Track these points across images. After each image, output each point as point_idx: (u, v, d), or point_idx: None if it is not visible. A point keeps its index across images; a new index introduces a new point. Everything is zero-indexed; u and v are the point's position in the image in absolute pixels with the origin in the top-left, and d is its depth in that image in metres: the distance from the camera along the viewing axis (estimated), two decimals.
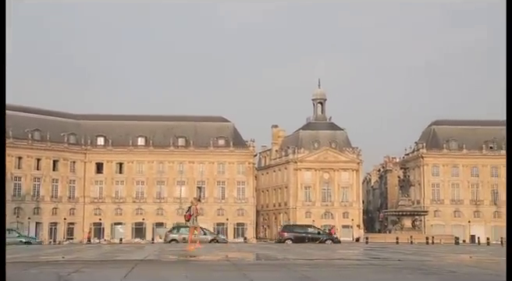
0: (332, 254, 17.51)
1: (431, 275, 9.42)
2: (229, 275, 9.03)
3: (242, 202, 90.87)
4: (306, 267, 10.95)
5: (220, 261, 13.17)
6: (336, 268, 11.01)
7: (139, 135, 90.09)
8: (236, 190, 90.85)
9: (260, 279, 8.26)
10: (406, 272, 9.85)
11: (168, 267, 11.22)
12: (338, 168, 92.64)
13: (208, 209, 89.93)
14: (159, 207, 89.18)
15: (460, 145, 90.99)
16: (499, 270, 10.74)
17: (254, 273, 9.30)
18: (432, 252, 20.98)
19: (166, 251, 19.40)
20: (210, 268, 10.64)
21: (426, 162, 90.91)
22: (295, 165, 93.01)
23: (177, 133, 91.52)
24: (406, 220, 63.31)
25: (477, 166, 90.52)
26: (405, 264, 12.10)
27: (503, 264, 13.36)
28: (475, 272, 10.09)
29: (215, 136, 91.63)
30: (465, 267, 11.95)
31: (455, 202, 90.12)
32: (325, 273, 9.52)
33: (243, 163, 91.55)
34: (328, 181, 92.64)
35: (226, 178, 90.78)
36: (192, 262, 13.02)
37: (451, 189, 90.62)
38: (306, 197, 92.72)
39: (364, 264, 12.38)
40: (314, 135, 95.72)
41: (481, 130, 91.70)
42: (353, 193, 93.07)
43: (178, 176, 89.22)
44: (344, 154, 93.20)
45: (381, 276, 9.00)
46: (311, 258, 14.68)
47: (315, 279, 8.40)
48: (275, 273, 9.44)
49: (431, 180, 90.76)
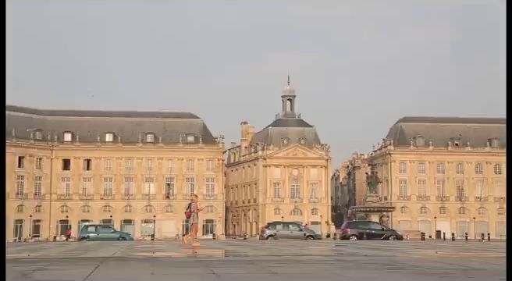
0: (300, 251, 17.60)
1: (395, 270, 9.54)
2: (196, 272, 9.01)
3: (211, 199, 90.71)
4: (274, 263, 10.98)
5: (188, 258, 13.13)
6: (304, 264, 11.08)
7: (107, 131, 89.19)
8: (205, 187, 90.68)
9: (227, 276, 8.26)
10: (371, 268, 9.96)
11: (135, 264, 11.15)
12: (307, 164, 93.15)
13: (177, 206, 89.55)
14: (127, 204, 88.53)
15: (426, 142, 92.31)
16: (463, 264, 10.93)
17: (221, 269, 9.30)
18: (399, 248, 21.25)
19: (134, 248, 19.27)
20: (177, 265, 10.60)
21: (393, 159, 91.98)
22: (264, 162, 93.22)
23: (146, 129, 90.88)
24: (373, 216, 63.88)
25: (443, 163, 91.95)
26: (371, 260, 12.24)
27: (467, 258, 13.61)
28: (439, 267, 10.26)
29: (184, 133, 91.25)
30: (429, 262, 12.13)
31: (421, 198, 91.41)
32: (293, 269, 9.57)
33: (212, 160, 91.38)
34: (297, 177, 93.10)
35: (195, 174, 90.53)
36: (159, 259, 12.95)
37: (418, 185, 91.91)
38: (275, 193, 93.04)
39: (331, 260, 12.48)
40: (284, 132, 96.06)
41: (447, 127, 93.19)
42: (322, 190, 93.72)
43: (146, 173, 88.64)
44: (313, 150, 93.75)
45: (346, 272, 9.08)
46: (280, 254, 14.74)
47: (282, 275, 8.44)
48: (243, 269, 9.45)
49: (398, 177, 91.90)
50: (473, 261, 12.31)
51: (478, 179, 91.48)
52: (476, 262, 12.04)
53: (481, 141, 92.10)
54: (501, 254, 16.50)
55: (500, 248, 22.70)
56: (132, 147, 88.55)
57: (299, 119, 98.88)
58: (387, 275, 8.71)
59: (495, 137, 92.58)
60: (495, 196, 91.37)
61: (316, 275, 8.59)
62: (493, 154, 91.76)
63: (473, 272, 9.30)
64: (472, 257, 14.13)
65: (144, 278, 8.34)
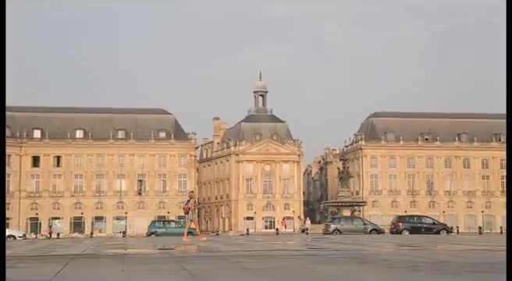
0: (272, 245, 17.67)
1: (365, 263, 9.65)
2: (166, 268, 8.99)
3: (183, 195, 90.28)
4: (246, 259, 11.01)
5: (159, 255, 13.09)
6: (276, 259, 11.13)
7: (77, 128, 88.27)
8: (177, 183, 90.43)
9: (197, 271, 8.26)
10: (342, 262, 10.05)
11: (105, 261, 11.07)
12: (279, 160, 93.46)
13: (149, 202, 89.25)
14: (99, 200, 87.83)
15: (397, 137, 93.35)
16: (431, 257, 11.10)
17: (192, 265, 9.29)
18: (370, 242, 21.47)
19: (104, 246, 19.13)
20: (148, 262, 10.56)
21: (365, 154, 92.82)
22: (237, 158, 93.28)
23: (117, 125, 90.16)
24: (345, 211, 64.57)
25: (413, 157, 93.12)
26: (342, 254, 12.35)
27: (435, 251, 13.82)
28: (408, 260, 10.40)
29: (156, 129, 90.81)
30: (399, 255, 12.29)
31: (392, 192, 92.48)
32: (264, 264, 9.60)
33: (184, 156, 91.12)
34: (270, 173, 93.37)
35: (167, 171, 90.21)
36: (130, 256, 12.88)
37: (389, 180, 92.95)
38: (248, 189, 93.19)
39: (302, 254, 12.56)
40: (256, 127, 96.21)
41: (418, 122, 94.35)
42: (294, 185, 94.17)
43: (118, 169, 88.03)
44: (285, 146, 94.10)
45: (317, 266, 9.15)
46: (253, 250, 14.78)
47: (254, 271, 8.47)
48: (214, 265, 9.45)
49: (369, 171, 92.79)
50: (441, 254, 12.51)
51: (447, 173, 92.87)
52: (444, 255, 12.24)
53: (450, 136, 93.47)
54: (468, 246, 16.80)
55: (467, 241, 23.11)
56: (103, 144, 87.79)
57: (271, 115, 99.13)
58: (357, 268, 8.81)
59: (463, 132, 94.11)
60: (463, 190, 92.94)
61: (287, 270, 8.65)
62: (462, 148, 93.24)
63: (440, 264, 9.45)
64: (440, 250, 14.36)
65: (113, 275, 8.29)
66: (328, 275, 7.85)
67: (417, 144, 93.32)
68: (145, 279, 7.75)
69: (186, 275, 7.90)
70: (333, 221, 49.10)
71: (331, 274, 7.99)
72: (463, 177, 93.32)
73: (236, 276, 7.83)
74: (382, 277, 7.64)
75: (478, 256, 11.84)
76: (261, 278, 7.64)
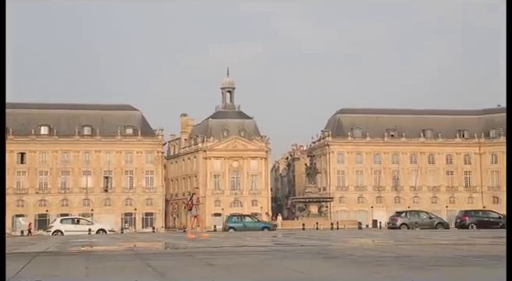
0: (238, 241, 17.69)
1: (330, 258, 9.73)
2: (131, 265, 8.92)
3: (150, 191, 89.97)
4: (212, 255, 11.01)
5: (125, 251, 12.98)
6: (241, 255, 11.15)
7: (42, 124, 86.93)
8: (144, 180, 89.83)
9: (162, 268, 8.22)
10: (307, 257, 10.11)
11: (69, 259, 10.94)
12: (247, 156, 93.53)
13: (116, 199, 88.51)
14: (64, 197, 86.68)
15: (363, 133, 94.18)
16: (396, 252, 11.24)
17: (157, 262, 9.24)
18: (336, 237, 21.65)
19: (69, 243, 18.88)
20: (113, 259, 10.47)
21: (332, 150, 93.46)
22: (204, 154, 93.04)
23: (83, 121, 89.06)
24: (312, 207, 64.91)
25: (379, 153, 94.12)
26: (307, 249, 12.43)
27: (400, 246, 14.00)
28: (372, 255, 10.52)
29: (123, 125, 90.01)
30: (364, 250, 12.43)
31: (359, 188, 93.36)
32: (229, 261, 9.61)
33: (151, 152, 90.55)
34: (237, 169, 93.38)
35: (134, 167, 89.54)
36: (94, 253, 12.75)
37: (355, 176, 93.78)
38: (215, 185, 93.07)
39: (268, 250, 12.60)
40: (223, 124, 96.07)
41: (384, 119, 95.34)
42: (262, 181, 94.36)
43: (84, 166, 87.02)
44: (253, 142, 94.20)
45: (282, 262, 9.19)
46: (219, 246, 14.77)
47: (218, 267, 8.46)
48: (179, 262, 9.43)
49: (336, 168, 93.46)
50: (405, 249, 12.68)
51: (412, 169, 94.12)
52: (408, 250, 12.41)
53: (415, 132, 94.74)
54: (431, 241, 17.07)
55: (431, 236, 23.48)
56: (68, 140, 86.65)
57: (239, 111, 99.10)
58: (322, 263, 8.87)
59: (428, 128, 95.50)
60: (428, 185, 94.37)
61: (251, 265, 8.67)
62: (427, 144, 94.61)
63: (404, 258, 9.58)
64: (405, 245, 14.55)
65: (76, 272, 8.19)
66: (291, 270, 7.89)
67: (383, 141, 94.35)
68: (108, 277, 7.67)
69: (151, 272, 7.86)
70: (400, 215, 47.36)
71: (294, 269, 8.03)
72: (428, 173, 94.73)
73: (201, 272, 7.82)
74: (346, 271, 7.71)
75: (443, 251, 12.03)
76: (226, 274, 7.65)
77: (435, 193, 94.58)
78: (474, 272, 7.56)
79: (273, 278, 7.25)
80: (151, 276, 7.44)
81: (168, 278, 7.23)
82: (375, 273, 7.44)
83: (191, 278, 7.31)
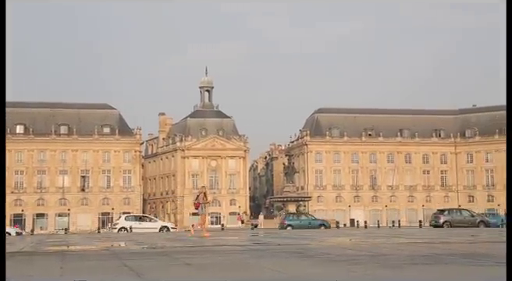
0: (215, 241, 17.66)
1: (306, 257, 9.76)
2: (107, 265, 8.86)
3: (128, 191, 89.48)
4: (189, 254, 10.97)
5: (101, 251, 12.88)
6: (219, 254, 11.13)
7: (17, 123, 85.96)
8: (121, 179, 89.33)
9: (138, 267, 8.17)
10: (284, 256, 10.13)
11: (44, 258, 10.82)
12: (225, 155, 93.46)
13: (93, 199, 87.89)
14: (40, 197, 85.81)
15: (341, 133, 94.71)
16: (372, 251, 11.32)
17: (133, 262, 9.19)
18: (314, 236, 21.72)
19: (45, 243, 18.69)
20: (89, 259, 10.38)
21: (310, 149, 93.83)
22: (182, 153, 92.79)
23: (59, 120, 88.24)
24: (290, 206, 65.09)
25: (357, 153, 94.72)
26: (284, 249, 12.45)
27: (377, 245, 14.10)
28: (349, 254, 10.57)
29: (100, 124, 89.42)
30: (340, 249, 12.48)
31: (337, 187, 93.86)
32: (207, 260, 9.59)
33: (129, 151, 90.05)
34: (216, 169, 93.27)
35: (112, 166, 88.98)
36: (70, 253, 12.63)
37: (333, 175, 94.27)
38: (193, 184, 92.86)
39: (245, 249, 12.60)
40: (202, 123, 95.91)
41: (361, 118, 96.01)
42: (240, 181, 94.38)
43: (60, 165, 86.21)
44: (231, 141, 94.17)
45: (259, 261, 9.20)
46: (198, 245, 14.73)
47: (195, 266, 8.45)
48: (156, 261, 9.38)
49: (314, 167, 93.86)
50: (382, 248, 12.76)
51: (389, 168, 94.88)
52: (385, 248, 12.49)
53: (392, 132, 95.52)
54: (408, 240, 17.22)
55: (408, 234, 23.69)
56: (44, 139, 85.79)
57: (217, 110, 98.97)
58: (299, 262, 8.90)
59: (405, 128, 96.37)
60: (405, 184, 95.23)
61: (228, 264, 8.67)
62: (404, 144, 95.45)
63: (380, 257, 9.64)
64: (381, 244, 14.65)
65: (51, 272, 8.10)
66: (268, 269, 7.90)
67: (361, 140, 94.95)
68: (84, 277, 7.61)
69: (128, 272, 7.80)
70: (442, 213, 47.28)
71: (271, 268, 8.05)
72: (404, 172, 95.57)
73: (178, 272, 7.79)
74: (322, 270, 7.74)
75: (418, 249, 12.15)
76: (202, 273, 7.63)
77: (412, 192, 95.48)
78: (448, 271, 7.65)
79: (250, 277, 7.25)
80: (127, 276, 7.39)
81: (144, 277, 7.19)
82: (351, 272, 7.49)
83: (168, 277, 7.27)
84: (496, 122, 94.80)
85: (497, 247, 12.85)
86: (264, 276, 7.26)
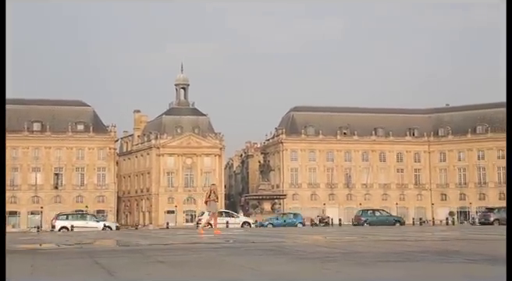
0: (189, 239, 17.60)
1: (280, 255, 9.77)
2: (78, 263, 8.77)
3: (102, 188, 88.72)
4: (163, 252, 10.90)
5: (73, 249, 12.74)
6: (193, 252, 11.08)
7: None
8: (96, 177, 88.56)
9: (109, 265, 8.09)
10: (258, 254, 10.12)
11: (14, 257, 10.64)
12: (201, 153, 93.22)
13: (66, 196, 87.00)
14: (12, 195, 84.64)
15: (316, 131, 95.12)
16: (346, 248, 11.37)
17: (106, 259, 9.10)
18: (288, 234, 21.77)
19: (16, 240, 18.42)
20: (60, 257, 10.26)
21: (285, 148, 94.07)
22: (157, 151, 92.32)
23: (32, 117, 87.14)
24: (266, 204, 65.16)
25: (332, 151, 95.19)
26: (258, 246, 12.45)
27: (351, 242, 14.18)
28: (323, 251, 10.60)
29: (74, 121, 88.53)
30: (315, 246, 12.53)
31: (312, 186, 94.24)
32: (180, 258, 9.54)
33: (103, 149, 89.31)
34: (191, 166, 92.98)
35: (86, 164, 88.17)
36: (42, 251, 12.47)
37: (308, 173, 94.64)
38: (168, 182, 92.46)
39: (219, 247, 12.57)
40: (177, 120, 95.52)
41: (336, 117, 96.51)
42: (216, 179, 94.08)
43: (33, 163, 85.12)
44: (207, 139, 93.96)
45: (233, 258, 9.18)
46: (172, 243, 14.65)
47: (167, 264, 8.39)
48: (128, 259, 9.30)
49: (290, 165, 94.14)
50: (356, 245, 12.84)
51: (364, 166, 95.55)
52: (359, 246, 12.57)
53: (367, 130, 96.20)
54: (381, 237, 17.35)
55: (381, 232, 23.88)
56: (17, 136, 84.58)
57: (193, 108, 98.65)
58: (273, 259, 8.90)
59: (380, 126, 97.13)
60: (379, 183, 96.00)
61: (200, 262, 8.64)
62: (378, 142, 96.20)
63: (354, 255, 9.69)
64: (356, 241, 14.74)
65: (22, 271, 7.98)
66: (242, 267, 7.89)
67: (336, 138, 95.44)
68: (55, 275, 7.51)
69: (99, 270, 7.72)
70: (492, 211, 48.08)
71: (245, 265, 8.04)
72: (379, 170, 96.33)
73: (150, 270, 7.73)
74: (295, 267, 7.75)
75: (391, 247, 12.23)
76: (175, 271, 7.58)
77: (386, 191, 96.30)
78: (421, 268, 7.71)
79: (223, 274, 7.23)
80: (99, 274, 7.31)
81: (116, 275, 7.11)
82: (324, 269, 7.50)
83: (140, 275, 7.21)
84: (469, 122, 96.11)
85: (464, 245, 13.01)
86: (237, 274, 7.24)
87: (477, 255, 9.33)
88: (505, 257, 7.55)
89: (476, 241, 14.58)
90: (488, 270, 7.32)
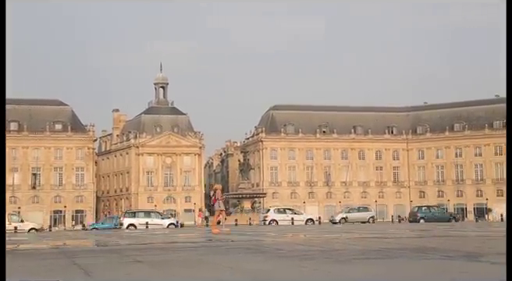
0: (168, 238, 17.56)
1: (259, 253, 9.80)
2: (55, 263, 8.70)
3: (81, 188, 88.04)
4: (140, 251, 10.86)
5: (50, 249, 12.64)
6: (172, 251, 11.06)
7: None
8: (74, 176, 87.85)
9: (87, 265, 8.04)
10: (236, 252, 10.15)
11: None
12: (180, 152, 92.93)
13: (44, 196, 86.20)
14: None
15: (296, 129, 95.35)
16: (324, 246, 11.44)
17: (83, 260, 9.05)
18: (268, 232, 21.81)
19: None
20: (37, 257, 10.17)
21: (265, 146, 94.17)
22: (137, 150, 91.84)
23: (9, 117, 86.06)
24: (245, 202, 65.22)
25: (311, 149, 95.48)
26: (237, 245, 12.47)
27: (329, 240, 14.26)
28: (301, 249, 10.66)
29: (52, 121, 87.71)
30: (293, 245, 12.58)
31: (291, 184, 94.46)
32: (158, 257, 9.52)
33: (82, 148, 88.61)
34: (171, 166, 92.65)
35: (64, 164, 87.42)
36: (19, 252, 12.35)
37: (288, 171, 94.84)
38: (148, 182, 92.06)
39: (198, 246, 12.57)
40: (157, 119, 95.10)
41: (316, 115, 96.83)
42: (196, 178, 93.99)
43: (11, 163, 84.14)
44: (186, 138, 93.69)
45: (209, 257, 9.19)
46: (151, 242, 14.61)
47: (146, 263, 8.37)
48: (106, 259, 9.25)
49: (269, 163, 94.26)
50: (334, 243, 12.91)
51: (343, 164, 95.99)
52: (337, 244, 12.65)
53: (346, 129, 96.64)
54: (360, 235, 17.47)
55: (359, 229, 24.04)
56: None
57: (172, 107, 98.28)
58: (251, 258, 8.92)
59: (359, 125, 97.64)
60: (359, 180, 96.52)
61: (180, 261, 8.62)
62: (357, 140, 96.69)
63: (332, 252, 9.75)
64: (334, 239, 14.82)
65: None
66: (220, 265, 7.90)
67: (316, 137, 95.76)
68: (31, 276, 7.44)
69: (76, 270, 7.67)
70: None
71: (223, 264, 8.05)
72: (358, 168, 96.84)
73: (128, 270, 7.70)
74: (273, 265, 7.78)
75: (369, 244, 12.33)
76: (153, 271, 7.56)
77: (365, 188, 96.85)
78: (398, 264, 7.78)
79: (202, 273, 7.23)
80: (76, 275, 7.26)
81: (93, 276, 7.08)
82: (301, 267, 7.55)
83: (117, 275, 7.18)
84: (447, 120, 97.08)
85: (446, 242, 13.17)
86: (216, 273, 7.25)
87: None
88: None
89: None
90: None
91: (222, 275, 7.07)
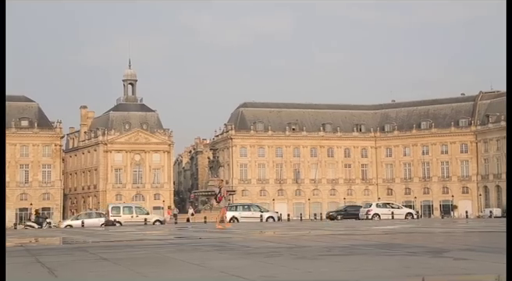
0: (135, 235, 17.45)
1: (226, 250, 9.81)
2: (18, 261, 8.58)
3: (48, 186, 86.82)
4: (107, 249, 10.79)
5: (14, 247, 12.46)
6: (138, 248, 11.00)
7: None
8: (41, 174, 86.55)
9: (51, 263, 7.95)
10: (204, 250, 10.14)
11: None
12: (149, 149, 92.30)
13: (10, 194, 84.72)
14: None
15: (266, 127, 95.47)
16: (292, 243, 11.51)
17: (48, 258, 8.94)
18: (237, 230, 21.83)
19: None
20: None
21: (234, 143, 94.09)
22: (105, 147, 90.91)
23: None
24: (215, 200, 65.00)
25: (281, 147, 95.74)
26: (205, 242, 12.46)
27: (297, 237, 14.35)
28: (268, 246, 10.70)
29: (18, 117, 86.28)
30: (260, 242, 12.62)
31: (261, 181, 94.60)
32: (124, 255, 9.46)
33: (48, 145, 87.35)
34: (140, 163, 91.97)
35: (30, 161, 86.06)
36: None
37: (258, 169, 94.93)
38: (116, 179, 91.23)
39: (165, 243, 12.52)
40: (125, 116, 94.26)
41: (285, 113, 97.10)
42: (165, 175, 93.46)
43: None
44: (155, 135, 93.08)
45: (178, 254, 9.17)
46: (118, 240, 14.49)
47: (111, 261, 8.31)
48: (72, 256, 9.17)
49: (239, 161, 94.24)
50: (302, 240, 13.00)
51: (312, 162, 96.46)
52: (304, 240, 12.74)
53: (315, 126, 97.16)
54: (326, 232, 17.61)
55: (327, 226, 24.24)
56: None
57: (141, 104, 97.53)
58: (217, 255, 8.93)
59: (328, 122, 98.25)
60: (327, 178, 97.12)
61: (146, 259, 8.58)
62: (326, 138, 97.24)
63: (298, 249, 9.82)
64: (302, 236, 14.92)
65: None
66: (186, 263, 7.88)
67: (285, 134, 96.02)
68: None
69: (39, 268, 7.59)
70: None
71: (189, 261, 8.04)
72: (327, 166, 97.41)
73: (93, 267, 7.64)
74: (238, 262, 7.80)
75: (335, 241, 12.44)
76: (118, 268, 7.51)
77: (334, 186, 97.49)
78: (360, 261, 7.87)
79: (168, 271, 7.21)
80: (39, 273, 7.17)
81: (56, 274, 7.00)
82: (268, 264, 7.58)
83: (81, 273, 7.11)
84: (414, 118, 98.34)
85: (412, 238, 13.36)
86: (181, 270, 7.23)
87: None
88: None
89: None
90: None
91: (189, 272, 7.05)
